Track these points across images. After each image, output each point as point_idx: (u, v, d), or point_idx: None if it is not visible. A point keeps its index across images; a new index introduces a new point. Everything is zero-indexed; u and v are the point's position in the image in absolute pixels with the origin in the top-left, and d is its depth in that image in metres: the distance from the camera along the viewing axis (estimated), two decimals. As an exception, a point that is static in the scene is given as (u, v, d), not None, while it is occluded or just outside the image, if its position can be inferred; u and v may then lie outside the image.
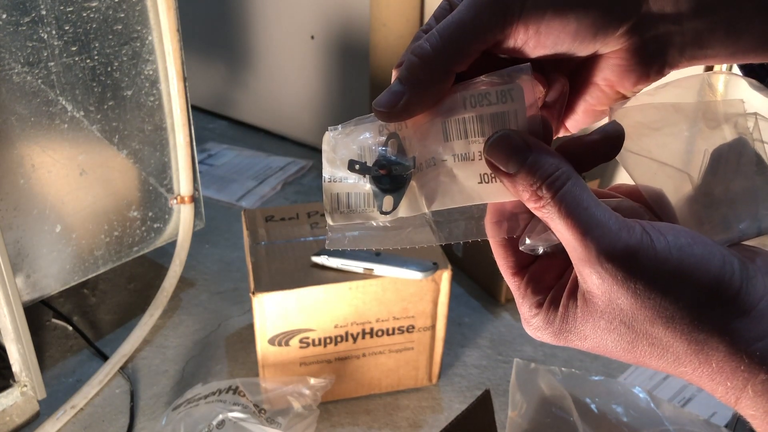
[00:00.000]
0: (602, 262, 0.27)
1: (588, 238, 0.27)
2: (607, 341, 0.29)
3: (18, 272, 0.99)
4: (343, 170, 0.35)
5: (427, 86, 0.31)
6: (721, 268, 0.27)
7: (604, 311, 0.28)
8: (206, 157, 1.80)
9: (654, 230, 0.28)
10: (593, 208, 0.28)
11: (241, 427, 0.89)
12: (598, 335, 0.29)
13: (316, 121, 1.83)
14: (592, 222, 0.28)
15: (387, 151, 0.34)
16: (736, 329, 0.27)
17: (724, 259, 0.27)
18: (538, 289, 0.32)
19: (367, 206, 0.35)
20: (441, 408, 1.05)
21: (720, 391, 0.28)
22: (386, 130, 0.34)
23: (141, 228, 1.16)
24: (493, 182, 0.32)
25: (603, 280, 0.28)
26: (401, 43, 1.46)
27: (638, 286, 0.27)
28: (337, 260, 0.96)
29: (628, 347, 0.29)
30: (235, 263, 1.37)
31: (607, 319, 0.29)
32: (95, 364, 1.10)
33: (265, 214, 1.10)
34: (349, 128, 0.35)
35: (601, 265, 0.27)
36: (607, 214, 0.28)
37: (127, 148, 1.09)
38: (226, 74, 1.97)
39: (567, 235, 0.28)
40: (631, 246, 0.27)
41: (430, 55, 0.30)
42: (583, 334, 0.30)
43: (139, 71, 1.07)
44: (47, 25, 0.94)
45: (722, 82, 0.33)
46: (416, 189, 0.34)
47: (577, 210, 0.28)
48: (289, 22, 1.74)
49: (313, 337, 0.98)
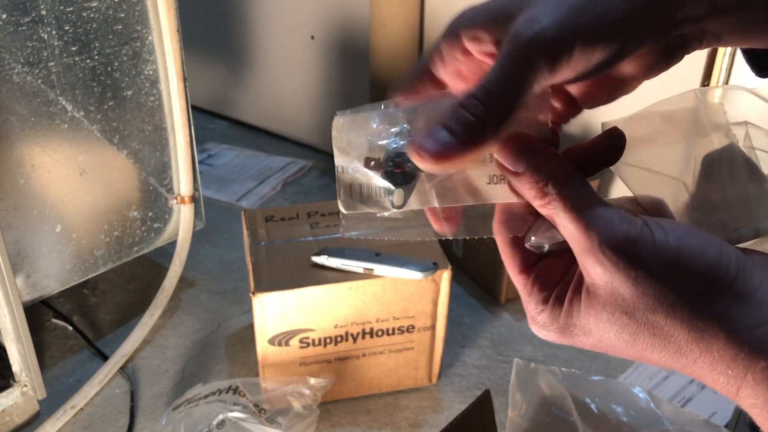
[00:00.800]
0: (604, 251, 0.28)
1: (591, 228, 0.29)
2: (610, 334, 0.30)
3: (18, 272, 0.99)
4: (355, 162, 0.36)
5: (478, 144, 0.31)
6: (718, 257, 0.28)
7: (607, 302, 0.29)
8: (206, 157, 1.80)
9: (654, 223, 0.29)
10: (596, 203, 0.29)
11: (241, 426, 0.89)
12: (601, 328, 0.30)
13: (316, 121, 1.83)
14: (595, 214, 0.29)
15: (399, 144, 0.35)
16: (734, 316, 0.28)
17: (721, 248, 0.29)
18: (544, 286, 0.33)
19: (379, 198, 0.36)
20: (441, 408, 1.05)
21: (721, 382, 0.28)
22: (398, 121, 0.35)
23: (141, 228, 1.16)
24: (501, 183, 0.33)
25: (605, 268, 0.29)
26: (401, 44, 1.46)
27: (639, 273, 0.28)
28: (337, 260, 0.96)
29: (630, 339, 0.30)
30: (235, 263, 1.37)
31: (610, 311, 0.29)
32: (95, 364, 1.10)
33: (265, 214, 1.10)
34: (358, 115, 0.36)
35: (603, 254, 0.28)
36: (609, 209, 0.29)
37: (127, 148, 1.09)
38: (226, 74, 1.97)
39: (571, 227, 0.29)
40: (632, 236, 0.28)
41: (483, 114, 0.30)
42: (587, 328, 0.31)
43: (139, 71, 1.07)
44: (47, 25, 0.94)
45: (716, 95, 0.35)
46: (426, 184, 0.35)
47: (580, 204, 0.29)
48: (289, 22, 1.74)
49: (313, 337, 0.98)
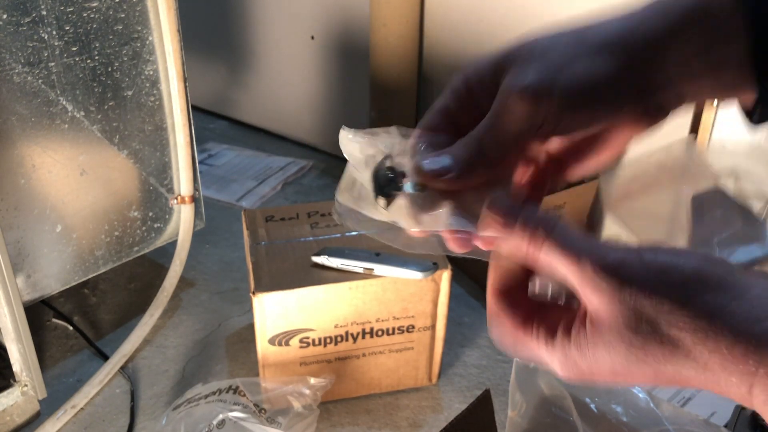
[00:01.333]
0: (597, 276, 0.30)
1: (582, 259, 0.31)
2: (621, 356, 0.31)
3: (18, 272, 0.99)
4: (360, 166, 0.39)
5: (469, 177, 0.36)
6: (702, 262, 0.30)
7: (612, 324, 0.30)
8: (206, 157, 1.80)
9: (641, 246, 0.31)
10: (582, 238, 0.32)
11: (242, 426, 0.89)
12: (612, 352, 0.31)
13: (317, 121, 1.83)
14: (583, 247, 0.31)
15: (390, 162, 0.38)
16: (734, 312, 0.28)
17: (706, 257, 0.30)
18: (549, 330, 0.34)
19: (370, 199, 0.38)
20: (441, 408, 1.05)
21: (734, 383, 0.29)
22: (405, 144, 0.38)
23: (141, 228, 1.16)
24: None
25: (602, 291, 0.30)
26: (401, 44, 1.46)
27: (632, 289, 0.29)
28: (337, 260, 0.96)
29: (641, 355, 0.30)
30: (236, 263, 1.38)
31: (616, 331, 0.30)
32: (96, 364, 1.10)
33: (265, 214, 1.10)
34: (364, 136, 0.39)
35: (597, 278, 0.30)
36: (595, 241, 0.32)
37: (128, 148, 1.09)
38: (227, 75, 1.97)
39: (565, 263, 0.31)
40: (619, 258, 0.30)
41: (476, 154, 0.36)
42: (598, 356, 0.31)
43: (140, 71, 1.07)
44: (48, 25, 0.94)
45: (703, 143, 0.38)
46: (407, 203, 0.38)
47: (569, 241, 0.32)
48: (290, 22, 1.74)
49: (313, 337, 0.98)
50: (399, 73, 1.49)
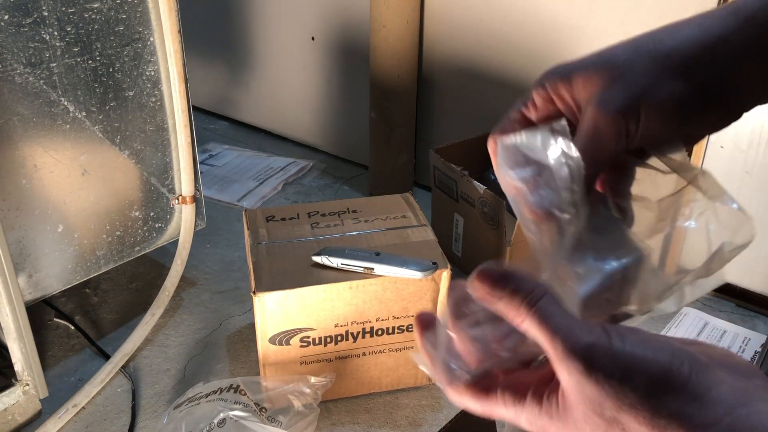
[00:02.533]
0: (568, 358, 0.32)
1: (556, 338, 0.32)
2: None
3: (20, 272, 1.00)
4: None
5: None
6: (670, 360, 0.31)
7: (579, 402, 0.32)
8: (207, 158, 1.81)
9: (613, 330, 0.32)
10: (560, 316, 0.33)
11: (242, 425, 0.90)
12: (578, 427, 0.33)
13: (317, 122, 1.83)
14: (560, 326, 0.33)
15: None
16: (690, 415, 0.30)
17: (674, 353, 0.31)
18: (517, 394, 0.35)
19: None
20: (440, 406, 1.06)
21: None
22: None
23: (143, 228, 1.16)
24: None
25: (571, 373, 0.32)
26: (401, 45, 1.47)
27: (599, 376, 0.31)
28: (337, 260, 0.96)
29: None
30: (236, 263, 1.38)
31: (582, 410, 0.32)
32: (97, 363, 1.11)
33: (265, 214, 1.10)
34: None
35: (568, 360, 0.32)
36: (573, 320, 0.33)
37: (129, 148, 1.10)
38: (228, 75, 1.97)
39: (542, 339, 0.33)
40: (590, 342, 0.32)
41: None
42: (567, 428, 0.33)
43: (141, 72, 1.07)
44: (49, 26, 0.94)
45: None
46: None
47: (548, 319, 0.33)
48: (290, 23, 1.75)
49: (314, 336, 0.98)
50: (399, 73, 1.49)
